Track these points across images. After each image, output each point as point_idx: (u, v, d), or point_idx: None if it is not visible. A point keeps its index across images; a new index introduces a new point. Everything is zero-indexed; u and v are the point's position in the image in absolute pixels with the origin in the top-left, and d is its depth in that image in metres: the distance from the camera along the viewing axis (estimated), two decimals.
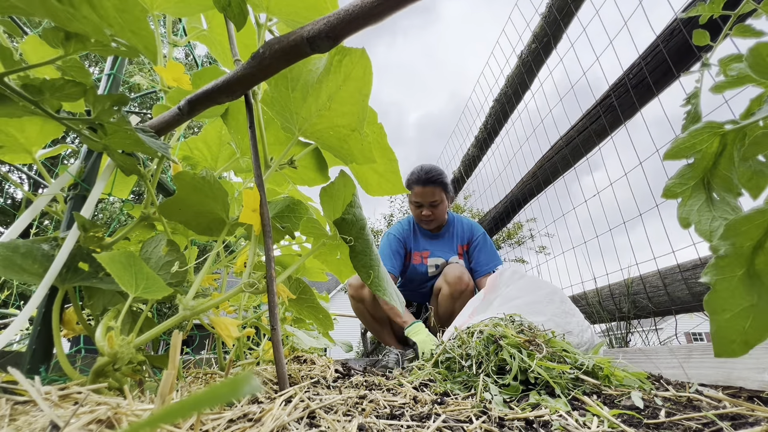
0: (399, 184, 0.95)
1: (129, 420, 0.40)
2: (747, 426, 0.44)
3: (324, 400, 0.53)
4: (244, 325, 0.98)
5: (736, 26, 0.50)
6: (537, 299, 1.05)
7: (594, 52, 1.57)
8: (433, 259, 2.08)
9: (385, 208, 23.39)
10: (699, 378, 0.70)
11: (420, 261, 2.10)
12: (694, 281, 1.17)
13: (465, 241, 2.14)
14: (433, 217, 2.02)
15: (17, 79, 0.51)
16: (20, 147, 0.72)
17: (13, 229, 0.68)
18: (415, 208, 2.04)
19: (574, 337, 0.96)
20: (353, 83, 0.69)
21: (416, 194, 1.98)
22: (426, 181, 1.94)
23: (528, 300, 1.05)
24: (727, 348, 0.37)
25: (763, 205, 0.35)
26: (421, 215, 2.03)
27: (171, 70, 0.81)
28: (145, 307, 0.74)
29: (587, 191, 1.72)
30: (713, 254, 0.37)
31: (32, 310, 0.58)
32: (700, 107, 0.51)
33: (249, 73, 0.64)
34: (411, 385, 0.73)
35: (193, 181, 0.69)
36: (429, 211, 2.00)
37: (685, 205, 0.45)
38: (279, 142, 0.91)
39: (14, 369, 0.42)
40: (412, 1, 0.53)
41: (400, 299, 0.80)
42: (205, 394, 0.12)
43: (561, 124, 1.93)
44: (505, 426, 0.48)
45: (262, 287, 0.65)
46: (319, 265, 1.16)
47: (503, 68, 2.43)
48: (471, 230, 2.15)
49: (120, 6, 0.45)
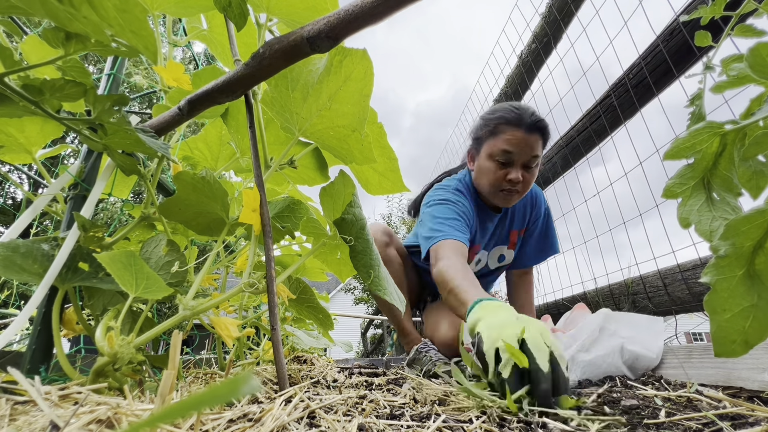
0: (399, 182, 0.95)
1: (129, 420, 0.40)
2: (747, 426, 0.44)
3: (324, 400, 0.53)
4: (244, 325, 0.98)
5: (737, 26, 0.50)
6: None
7: (594, 53, 1.57)
8: (478, 254, 1.45)
9: (383, 208, 23.39)
10: (699, 378, 0.70)
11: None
12: (694, 281, 1.17)
13: (524, 224, 1.45)
14: (522, 187, 1.24)
15: (17, 79, 0.51)
16: (20, 147, 0.72)
17: (13, 229, 0.68)
18: (495, 168, 1.23)
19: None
20: (354, 84, 0.69)
21: (509, 141, 1.19)
22: (532, 125, 1.18)
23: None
24: (727, 348, 0.37)
25: (763, 205, 0.35)
26: (505, 180, 1.23)
27: (171, 70, 0.81)
28: (145, 307, 0.74)
29: (587, 191, 1.72)
30: (713, 254, 0.37)
31: (32, 310, 0.58)
32: (704, 108, 0.51)
33: (249, 73, 0.64)
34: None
35: (193, 181, 0.69)
36: (520, 173, 1.21)
37: (685, 205, 0.45)
38: (279, 142, 0.91)
39: (14, 369, 0.42)
40: (412, 1, 0.53)
41: (401, 299, 0.80)
42: (205, 394, 0.12)
43: (561, 124, 1.93)
44: (505, 426, 0.48)
45: (262, 287, 0.65)
46: (319, 264, 1.16)
47: (503, 68, 2.43)
48: (534, 204, 1.46)
49: (120, 6, 0.45)
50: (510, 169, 1.23)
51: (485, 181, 1.28)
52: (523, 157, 1.21)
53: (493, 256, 1.50)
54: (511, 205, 1.33)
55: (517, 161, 1.22)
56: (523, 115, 1.19)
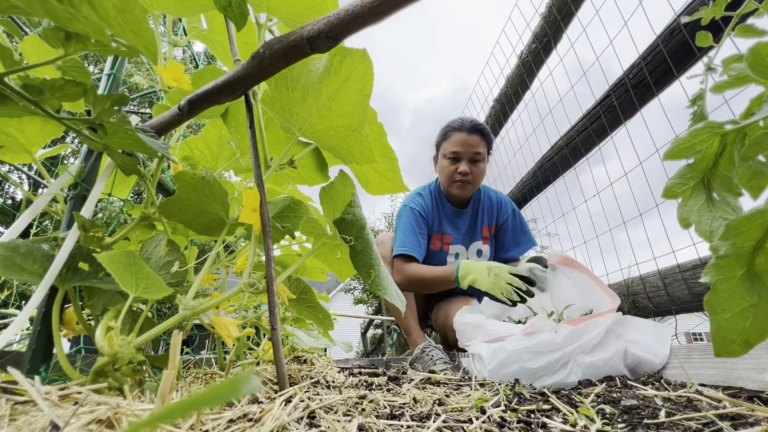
0: (399, 182, 0.95)
1: (129, 420, 0.40)
2: (747, 426, 0.44)
3: (324, 400, 0.53)
4: (244, 325, 0.98)
5: (738, 26, 0.50)
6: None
7: (594, 53, 1.57)
8: (455, 247, 1.68)
9: (386, 207, 23.40)
10: (699, 378, 0.70)
11: (440, 247, 1.67)
12: (694, 281, 1.17)
13: (493, 222, 1.73)
14: (472, 178, 1.57)
15: (17, 79, 0.51)
16: (20, 147, 0.72)
17: (13, 229, 0.68)
18: (448, 165, 1.59)
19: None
20: (354, 84, 0.69)
21: (456, 142, 1.55)
22: (472, 128, 1.55)
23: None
24: (727, 348, 0.37)
25: (763, 205, 0.35)
26: (456, 173, 1.57)
27: (171, 70, 0.81)
28: (145, 307, 0.74)
29: (587, 191, 1.72)
30: (713, 254, 0.37)
31: (32, 310, 0.58)
32: (705, 109, 0.51)
33: (249, 73, 0.64)
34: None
35: (193, 180, 0.69)
36: (468, 167, 1.55)
37: (686, 205, 0.45)
38: (279, 142, 0.91)
39: (14, 369, 0.42)
40: (412, 1, 0.53)
41: (401, 298, 0.80)
42: (205, 394, 0.12)
43: (561, 124, 1.92)
44: (505, 426, 0.48)
45: (262, 287, 0.65)
46: (319, 264, 1.16)
47: (503, 68, 2.43)
48: (500, 207, 1.74)
49: (120, 6, 0.45)
50: (459, 164, 1.57)
51: (443, 176, 1.63)
52: (468, 154, 1.56)
53: (472, 251, 1.71)
54: (466, 194, 1.62)
55: (464, 157, 1.56)
56: (465, 122, 1.58)
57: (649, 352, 0.81)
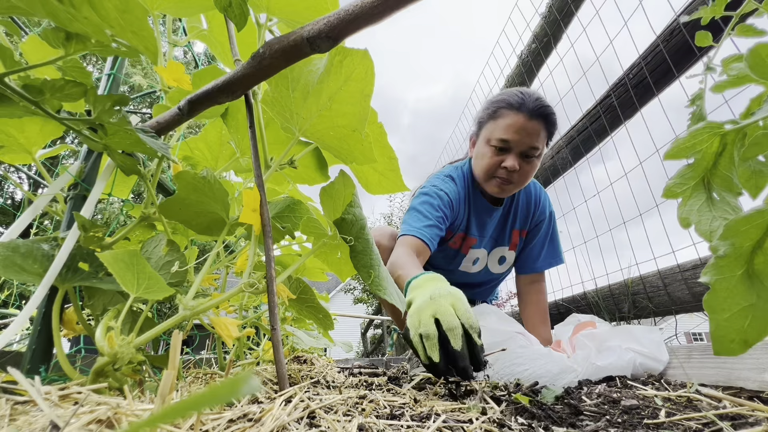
0: (399, 182, 0.95)
1: (129, 420, 0.40)
2: (747, 426, 0.44)
3: (324, 400, 0.53)
4: (244, 325, 0.98)
5: (738, 26, 0.50)
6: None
7: (594, 53, 1.57)
8: (476, 251, 1.36)
9: (385, 207, 23.39)
10: (699, 378, 0.70)
11: (459, 246, 1.35)
12: (694, 281, 1.17)
13: (526, 225, 1.36)
14: (517, 178, 1.16)
15: (18, 79, 0.51)
16: (20, 147, 0.72)
17: (13, 229, 0.68)
18: (492, 154, 1.16)
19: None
20: (354, 84, 0.69)
21: (508, 127, 1.11)
22: (535, 111, 1.10)
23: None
24: (726, 347, 0.37)
25: (762, 205, 0.35)
26: (500, 167, 1.15)
27: (171, 71, 0.81)
28: (145, 307, 0.74)
29: (587, 191, 1.72)
30: (713, 254, 0.37)
31: (32, 310, 0.58)
32: (704, 109, 0.51)
33: (249, 73, 0.64)
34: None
35: (193, 180, 0.69)
36: (517, 162, 1.13)
37: (685, 205, 0.45)
38: (279, 142, 0.91)
39: (14, 369, 0.42)
40: (412, 0, 0.53)
41: (401, 298, 0.80)
42: (205, 394, 0.12)
43: (561, 124, 1.92)
44: (505, 426, 0.48)
45: (262, 287, 0.65)
46: (319, 264, 1.16)
47: (503, 68, 2.43)
48: (537, 206, 1.36)
49: (121, 6, 0.45)
50: (506, 156, 1.14)
51: (481, 166, 1.21)
52: (522, 145, 1.12)
53: (494, 258, 1.44)
54: (504, 196, 1.24)
55: (515, 148, 1.13)
56: (527, 100, 1.11)
57: (654, 359, 0.82)
